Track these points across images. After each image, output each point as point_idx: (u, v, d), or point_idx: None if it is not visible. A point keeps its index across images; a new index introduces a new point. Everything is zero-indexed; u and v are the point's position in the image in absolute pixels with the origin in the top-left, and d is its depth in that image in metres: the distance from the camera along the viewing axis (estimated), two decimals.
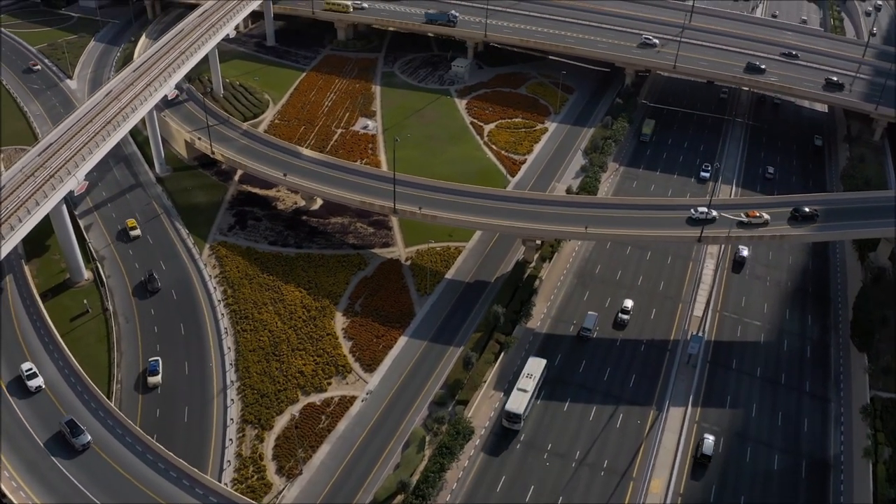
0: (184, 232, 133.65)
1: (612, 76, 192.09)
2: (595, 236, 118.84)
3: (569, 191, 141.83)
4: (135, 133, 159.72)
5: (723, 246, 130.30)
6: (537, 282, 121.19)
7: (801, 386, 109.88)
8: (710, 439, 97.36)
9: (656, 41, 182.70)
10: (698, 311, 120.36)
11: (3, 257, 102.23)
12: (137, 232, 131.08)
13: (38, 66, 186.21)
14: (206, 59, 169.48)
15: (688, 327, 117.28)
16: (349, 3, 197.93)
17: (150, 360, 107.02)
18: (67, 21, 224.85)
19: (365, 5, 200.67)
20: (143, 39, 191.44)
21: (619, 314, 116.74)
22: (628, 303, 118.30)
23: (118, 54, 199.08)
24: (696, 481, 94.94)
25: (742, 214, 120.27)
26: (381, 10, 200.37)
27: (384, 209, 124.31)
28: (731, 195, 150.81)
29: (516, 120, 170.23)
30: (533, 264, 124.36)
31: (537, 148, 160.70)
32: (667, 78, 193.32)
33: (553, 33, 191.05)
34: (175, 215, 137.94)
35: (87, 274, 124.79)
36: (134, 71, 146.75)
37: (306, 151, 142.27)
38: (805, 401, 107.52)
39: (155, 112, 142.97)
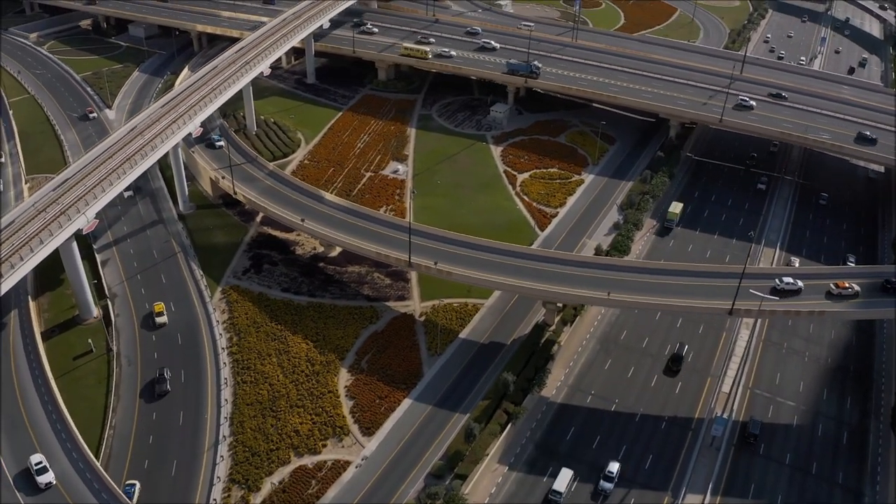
0: (198, 273, 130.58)
1: (656, 127, 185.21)
2: (617, 303, 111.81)
3: (598, 250, 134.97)
4: (164, 167, 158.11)
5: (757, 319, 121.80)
6: (555, 347, 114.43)
7: (834, 476, 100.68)
8: None
9: (753, 103, 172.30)
10: (728, 386, 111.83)
11: (0, 294, 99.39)
12: (164, 319, 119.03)
13: (95, 115, 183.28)
14: (241, 95, 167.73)
15: (714, 405, 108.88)
16: (428, 49, 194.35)
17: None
18: (116, 50, 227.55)
19: (453, 53, 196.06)
20: (184, 72, 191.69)
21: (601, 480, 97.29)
22: (613, 467, 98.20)
23: (159, 86, 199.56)
24: None
25: (832, 285, 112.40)
26: (464, 60, 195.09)
27: (399, 262, 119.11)
28: (773, 259, 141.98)
29: (552, 170, 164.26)
30: (553, 327, 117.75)
31: (571, 201, 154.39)
32: (714, 129, 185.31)
33: (598, 81, 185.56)
34: (192, 255, 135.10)
35: (96, 311, 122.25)
36: (162, 107, 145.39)
37: (329, 196, 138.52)
38: (837, 494, 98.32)
39: (180, 149, 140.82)
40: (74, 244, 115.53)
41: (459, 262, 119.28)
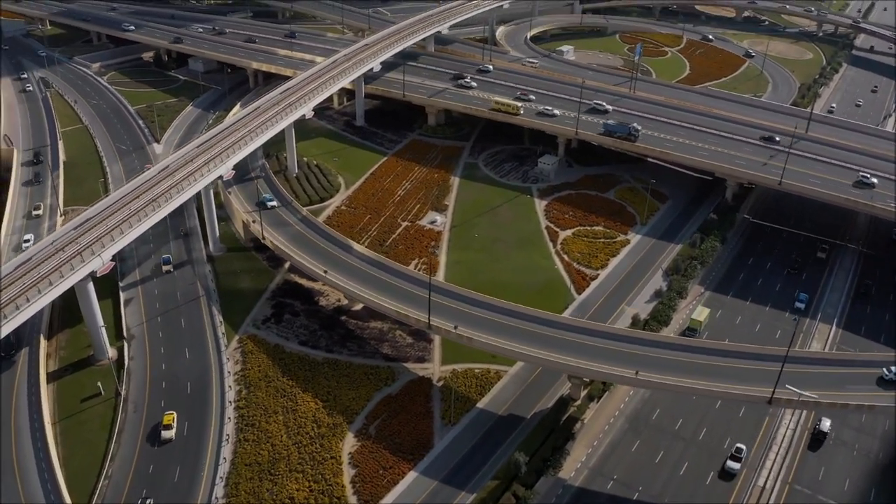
0: (218, 319, 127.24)
1: (712, 186, 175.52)
2: (646, 384, 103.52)
3: (636, 319, 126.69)
4: (201, 207, 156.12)
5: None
6: (578, 424, 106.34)
7: None
8: None
9: (875, 180, 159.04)
10: (764, 479, 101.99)
11: (2, 336, 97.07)
12: (171, 434, 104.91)
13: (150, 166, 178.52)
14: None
15: (747, 500, 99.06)
16: (520, 105, 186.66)
17: None
18: (173, 83, 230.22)
19: (557, 112, 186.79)
20: (235, 108, 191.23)
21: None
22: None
23: (210, 121, 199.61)
24: None
25: (885, 371, 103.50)
26: (560, 118, 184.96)
27: (419, 323, 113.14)
28: (829, 337, 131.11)
29: (596, 228, 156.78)
30: (578, 402, 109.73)
31: (613, 262, 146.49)
32: (775, 191, 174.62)
33: (654, 135, 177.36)
34: (215, 299, 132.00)
35: (111, 352, 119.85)
36: (198, 147, 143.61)
37: (357, 247, 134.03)
38: None
39: (211, 190, 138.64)
40: (90, 285, 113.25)
41: (483, 326, 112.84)
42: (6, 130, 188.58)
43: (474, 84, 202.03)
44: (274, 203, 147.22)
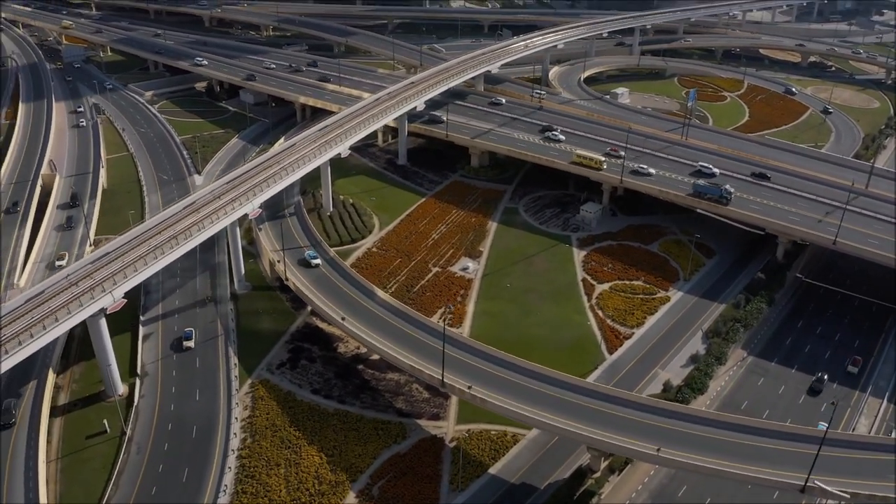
0: (233, 361, 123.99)
1: (764, 241, 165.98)
2: (668, 462, 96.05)
3: (667, 385, 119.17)
4: None
5: None
6: (595, 499, 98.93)
7: None
8: None
9: None
10: None
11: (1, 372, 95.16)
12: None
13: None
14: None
15: None
16: (604, 159, 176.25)
17: None
18: (222, 114, 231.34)
19: (652, 171, 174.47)
20: (280, 141, 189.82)
21: None
22: None
23: (252, 155, 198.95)
24: None
25: None
26: (650, 179, 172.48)
27: (433, 379, 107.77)
28: (879, 413, 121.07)
29: (636, 282, 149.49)
30: (598, 474, 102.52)
31: (650, 321, 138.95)
32: (831, 251, 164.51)
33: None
34: (232, 340, 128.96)
35: (123, 389, 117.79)
36: (227, 182, 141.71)
37: (381, 293, 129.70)
38: None
39: (237, 227, 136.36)
40: (102, 321, 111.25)
41: (500, 387, 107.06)
42: (54, 155, 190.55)
43: (562, 138, 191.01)
44: (318, 261, 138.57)
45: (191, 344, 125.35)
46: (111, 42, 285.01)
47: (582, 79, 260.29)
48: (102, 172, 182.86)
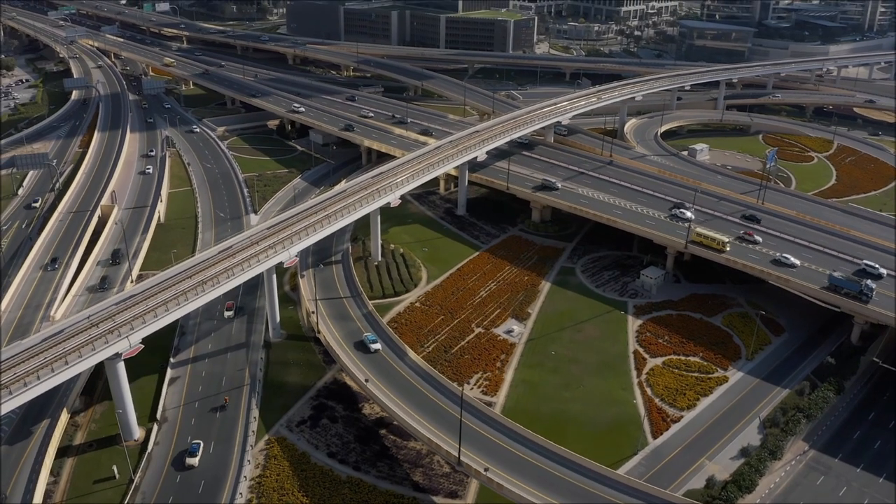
0: (254, 413, 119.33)
1: (839, 320, 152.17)
2: None
3: (710, 482, 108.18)
4: (278, 285, 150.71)
5: None
6: None
7: None
8: None
9: None
10: None
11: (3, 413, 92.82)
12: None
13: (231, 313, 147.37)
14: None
15: None
16: (727, 240, 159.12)
17: None
18: (289, 153, 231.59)
19: (797, 262, 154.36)
20: (340, 184, 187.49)
21: None
22: None
23: (313, 196, 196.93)
24: None
25: None
26: (787, 270, 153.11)
27: (449, 456, 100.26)
28: None
29: (692, 359, 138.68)
30: None
31: (703, 403, 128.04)
32: None
33: (776, 255, 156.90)
34: (257, 391, 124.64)
35: (139, 433, 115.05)
36: (269, 227, 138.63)
37: (412, 355, 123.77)
38: None
39: (274, 274, 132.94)
40: (121, 364, 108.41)
41: (522, 471, 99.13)
42: (118, 186, 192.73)
43: (690, 215, 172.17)
44: (378, 346, 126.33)
45: (194, 462, 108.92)
46: (192, 76, 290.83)
47: (659, 133, 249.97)
48: (161, 207, 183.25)
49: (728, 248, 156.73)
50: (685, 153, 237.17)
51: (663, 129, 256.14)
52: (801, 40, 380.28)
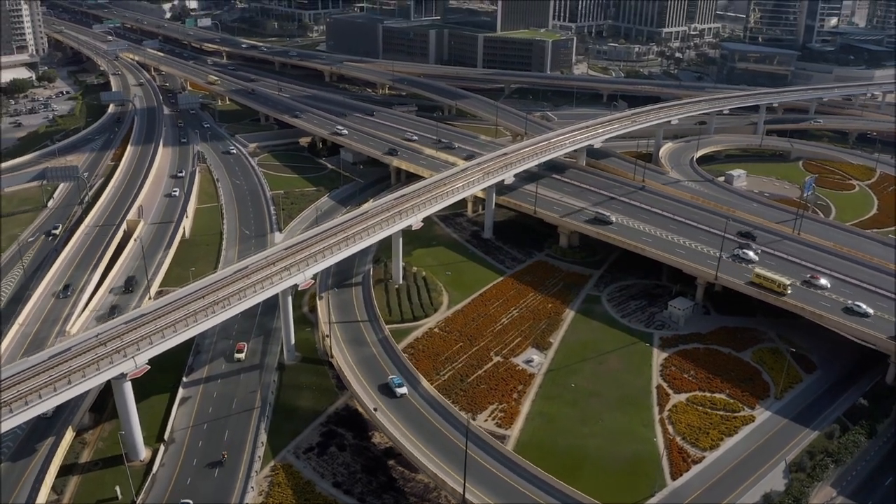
0: (262, 438, 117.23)
1: (875, 359, 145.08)
2: None
3: None
4: (297, 306, 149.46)
5: None
6: None
7: None
8: None
9: None
10: None
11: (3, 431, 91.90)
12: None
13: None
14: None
15: None
16: (788, 282, 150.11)
17: None
18: (319, 171, 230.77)
19: (870, 311, 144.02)
20: (367, 204, 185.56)
21: None
22: None
23: (339, 215, 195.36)
24: None
25: None
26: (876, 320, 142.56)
27: (455, 493, 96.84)
28: None
29: (717, 396, 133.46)
30: None
31: (727, 444, 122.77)
32: None
33: (809, 292, 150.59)
34: (267, 415, 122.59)
35: (145, 454, 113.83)
36: (286, 248, 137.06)
37: (425, 384, 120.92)
38: None
39: (289, 297, 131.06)
40: (128, 385, 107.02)
41: None
42: (146, 201, 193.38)
43: (754, 256, 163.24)
44: (404, 390, 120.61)
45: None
46: (228, 92, 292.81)
47: (695, 158, 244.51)
48: (187, 222, 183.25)
49: (789, 292, 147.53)
50: (721, 179, 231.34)
51: (700, 153, 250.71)
52: (846, 64, 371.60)
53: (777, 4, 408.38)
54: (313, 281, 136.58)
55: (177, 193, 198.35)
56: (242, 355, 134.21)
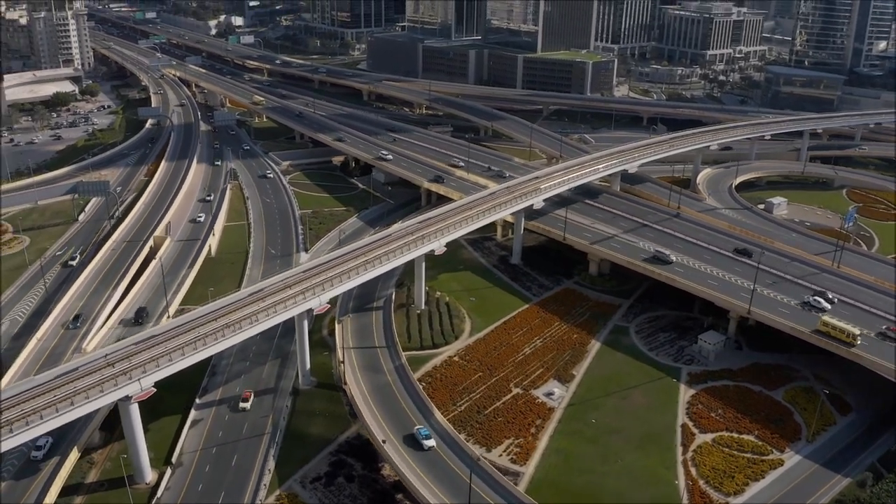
0: (269, 465, 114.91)
1: None
2: None
3: None
4: (316, 329, 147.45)
5: None
6: None
7: None
8: None
9: None
10: None
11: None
12: None
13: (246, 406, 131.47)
14: None
15: None
16: (858, 332, 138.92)
17: None
18: (351, 191, 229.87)
19: None
20: (395, 226, 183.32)
21: None
22: None
23: (366, 236, 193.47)
24: None
25: None
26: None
27: None
28: None
29: (746, 437, 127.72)
30: None
31: (753, 489, 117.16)
32: None
33: (886, 344, 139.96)
34: (276, 441, 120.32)
35: (151, 477, 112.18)
36: (304, 271, 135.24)
37: (439, 416, 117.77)
38: None
39: (305, 321, 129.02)
40: (134, 406, 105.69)
41: None
42: (175, 218, 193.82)
43: (828, 306, 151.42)
44: (432, 443, 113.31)
45: None
46: (265, 110, 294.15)
47: (734, 185, 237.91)
48: (213, 240, 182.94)
49: (859, 342, 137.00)
50: (761, 206, 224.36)
51: (739, 180, 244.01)
52: (895, 89, 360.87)
53: (824, 27, 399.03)
54: (329, 305, 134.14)
55: (202, 219, 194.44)
56: (248, 405, 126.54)
